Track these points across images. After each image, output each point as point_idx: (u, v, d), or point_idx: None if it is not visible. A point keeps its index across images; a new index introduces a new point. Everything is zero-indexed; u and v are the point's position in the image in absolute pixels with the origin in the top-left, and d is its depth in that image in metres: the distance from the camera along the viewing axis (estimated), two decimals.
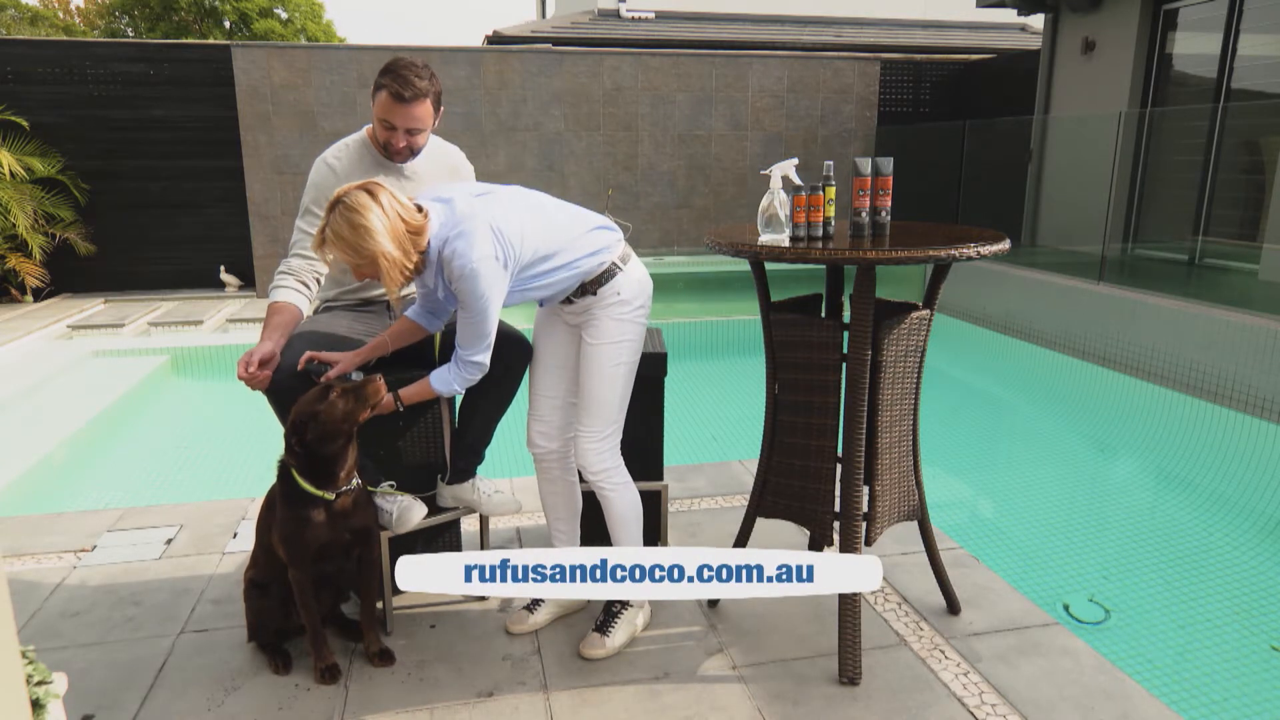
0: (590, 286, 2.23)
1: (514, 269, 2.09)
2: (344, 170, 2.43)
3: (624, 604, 2.43)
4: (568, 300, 2.27)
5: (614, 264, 2.24)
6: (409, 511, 2.41)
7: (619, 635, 2.39)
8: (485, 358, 2.17)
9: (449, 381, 2.19)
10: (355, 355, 2.27)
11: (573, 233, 2.19)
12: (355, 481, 2.22)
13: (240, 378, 2.22)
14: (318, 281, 2.47)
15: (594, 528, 2.71)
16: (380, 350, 2.31)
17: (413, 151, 2.41)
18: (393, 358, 2.39)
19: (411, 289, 2.37)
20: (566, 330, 2.37)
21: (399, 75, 2.28)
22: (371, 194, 1.98)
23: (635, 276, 2.28)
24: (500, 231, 2.04)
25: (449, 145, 2.59)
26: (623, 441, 2.34)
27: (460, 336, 2.14)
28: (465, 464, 2.55)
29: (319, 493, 2.14)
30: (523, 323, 2.55)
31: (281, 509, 2.17)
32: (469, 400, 2.54)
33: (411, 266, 2.03)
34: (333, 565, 2.23)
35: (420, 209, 2.06)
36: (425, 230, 2.04)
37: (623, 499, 2.36)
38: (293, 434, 2.10)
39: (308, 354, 2.22)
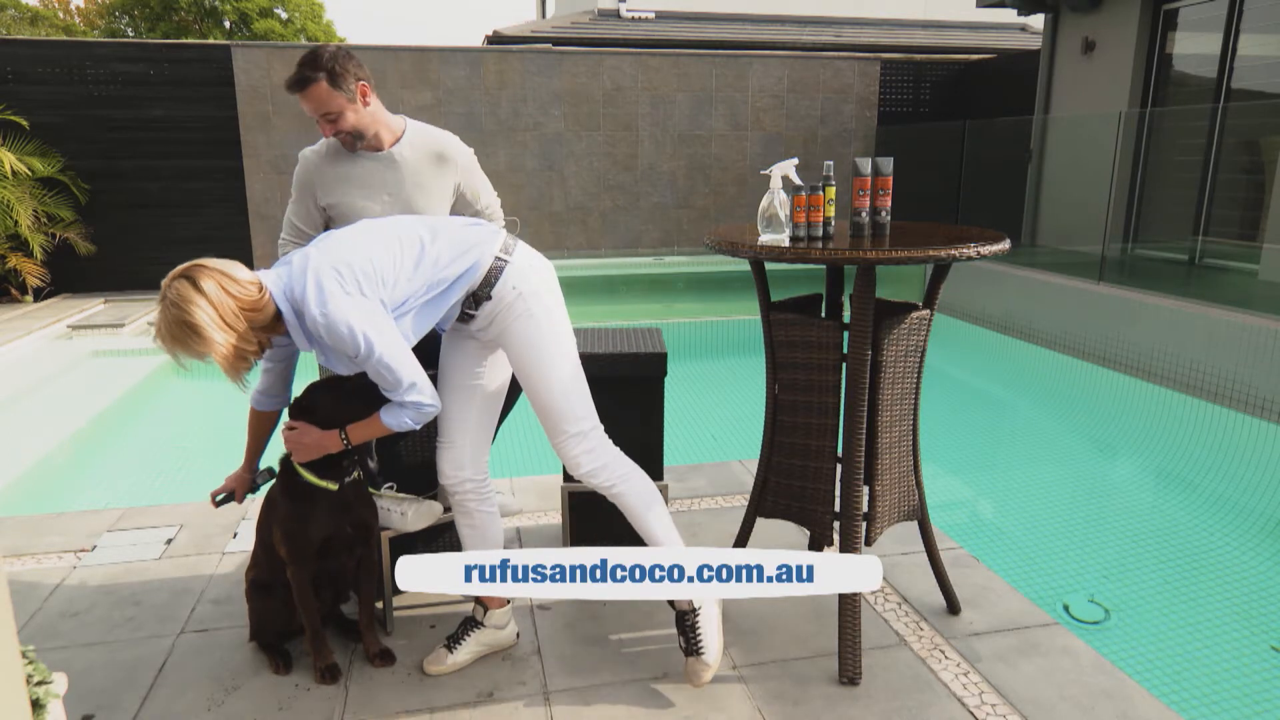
0: (482, 291, 2.04)
1: (381, 293, 1.92)
2: (321, 160, 2.47)
3: (691, 611, 2.21)
4: (469, 316, 2.09)
5: (497, 259, 2.05)
6: (423, 510, 2.41)
7: (712, 644, 2.20)
8: (420, 396, 1.98)
9: (400, 417, 2.01)
10: (243, 471, 2.31)
11: (437, 239, 2.03)
12: (357, 473, 2.23)
13: None
14: None
15: (586, 529, 2.71)
16: (257, 455, 2.30)
17: (353, 136, 2.37)
18: None
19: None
20: (476, 347, 2.19)
21: (294, 68, 2.30)
22: (194, 282, 1.83)
23: (524, 264, 2.08)
24: (343, 266, 1.90)
25: (442, 132, 2.54)
26: (622, 441, 2.32)
27: (379, 385, 1.99)
28: None
29: (322, 483, 2.15)
30: None
31: (283, 504, 2.18)
32: None
33: (254, 347, 1.90)
34: (335, 561, 2.23)
35: (260, 285, 1.93)
36: (263, 304, 1.90)
37: (633, 490, 2.16)
38: (300, 413, 2.12)
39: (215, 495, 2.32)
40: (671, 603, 2.25)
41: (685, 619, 2.22)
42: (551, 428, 2.14)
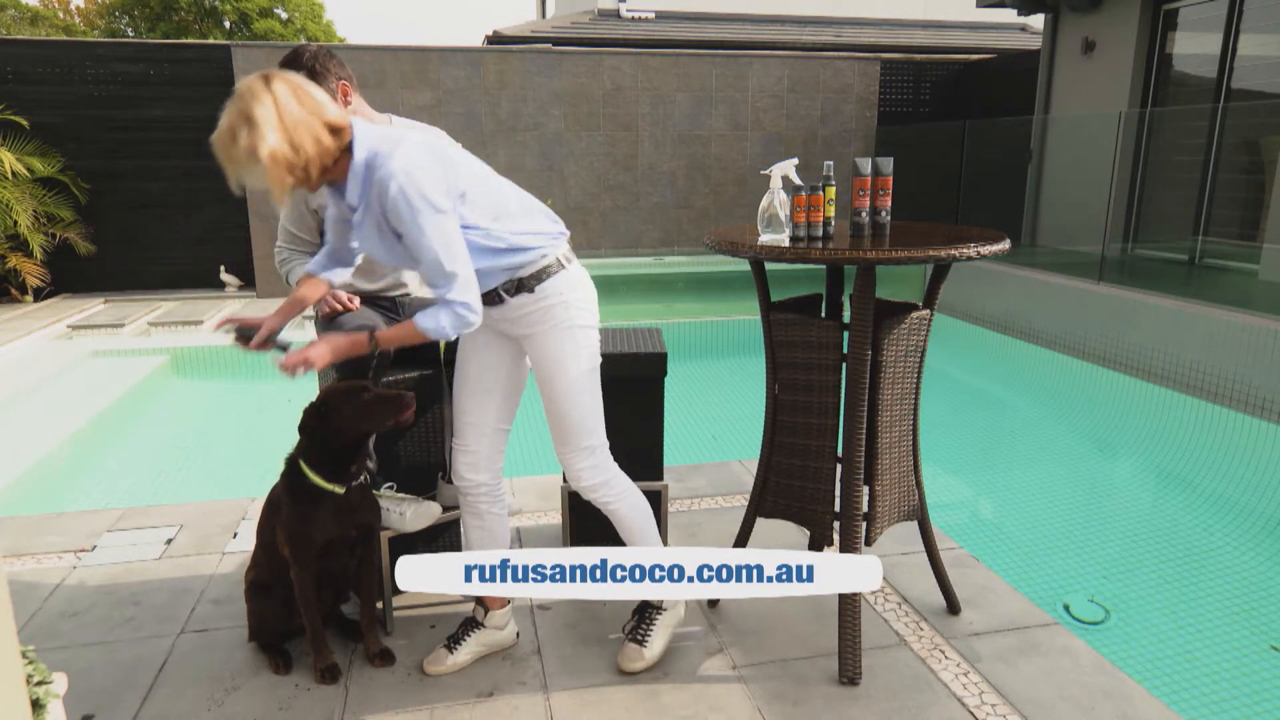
0: (528, 282, 2.00)
1: (454, 197, 1.87)
2: None
3: (656, 608, 2.28)
4: (499, 299, 2.03)
5: (558, 259, 2.03)
6: (421, 510, 2.41)
7: (657, 642, 2.28)
8: (467, 295, 1.87)
9: (438, 319, 1.88)
10: (275, 317, 2.07)
11: (515, 202, 2.00)
12: (364, 477, 2.23)
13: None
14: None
15: (586, 529, 2.71)
16: (297, 308, 2.11)
17: None
18: (396, 356, 2.39)
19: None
20: (499, 345, 2.16)
21: (275, 68, 2.31)
22: (266, 80, 1.77)
23: (578, 278, 2.08)
24: (439, 153, 1.87)
25: (428, 128, 2.54)
26: (622, 441, 2.33)
27: (424, 276, 1.90)
28: None
29: (329, 486, 2.15)
30: None
31: (287, 505, 2.17)
32: None
33: (302, 162, 1.78)
34: (337, 562, 2.23)
35: (347, 119, 1.87)
36: (337, 130, 1.82)
37: (629, 507, 2.20)
38: (314, 416, 2.12)
39: (226, 316, 2.13)
40: None
41: (648, 610, 2.30)
42: (561, 439, 2.15)
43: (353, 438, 2.12)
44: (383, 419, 2.10)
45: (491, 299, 2.04)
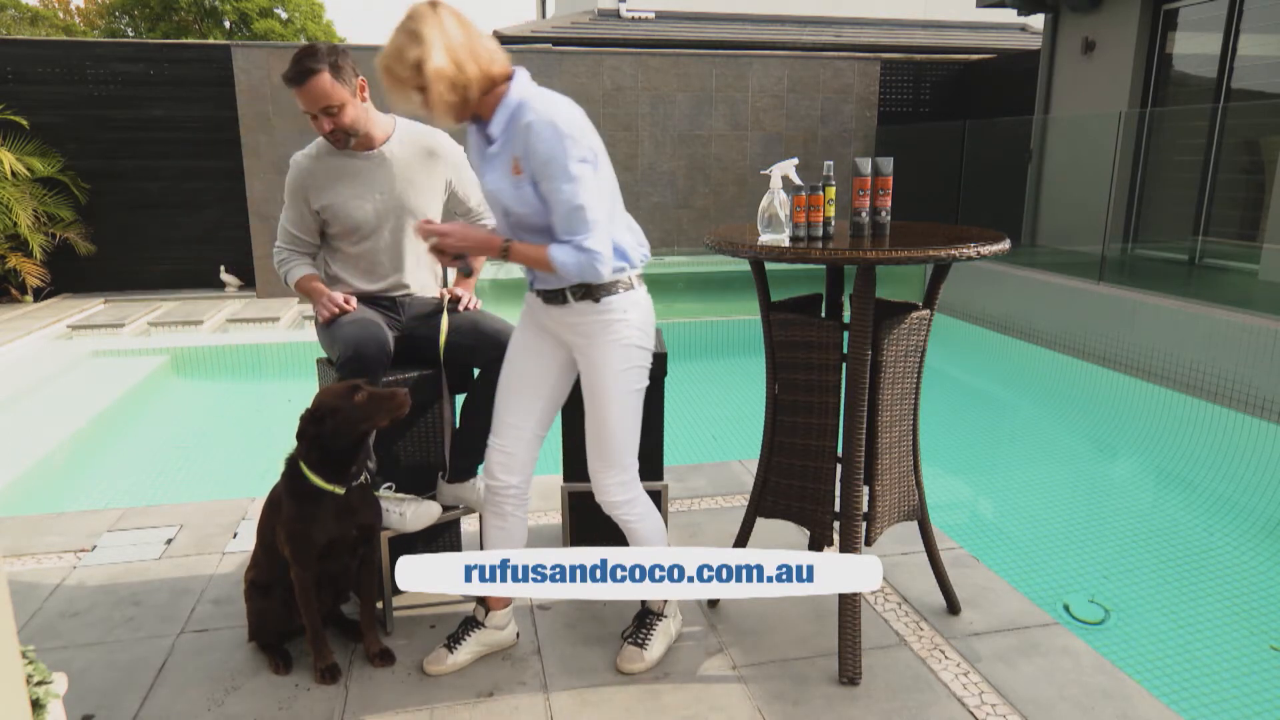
0: (596, 291, 2.01)
1: (594, 159, 1.93)
2: (312, 163, 2.49)
3: (657, 614, 2.34)
4: (564, 299, 2.04)
5: (631, 279, 2.06)
6: (421, 510, 2.41)
7: (656, 646, 2.31)
8: (602, 246, 1.92)
9: (568, 257, 1.93)
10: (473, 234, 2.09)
11: (616, 212, 2.04)
12: (364, 477, 2.24)
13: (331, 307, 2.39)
14: (311, 260, 2.61)
15: (586, 529, 2.71)
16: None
17: (347, 133, 2.39)
18: (396, 357, 2.40)
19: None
20: (553, 351, 2.17)
21: (290, 63, 2.32)
22: (434, 5, 1.88)
23: (643, 301, 2.10)
24: (590, 125, 1.94)
25: (432, 129, 2.55)
26: None
27: (557, 225, 1.94)
28: (467, 462, 2.54)
29: (330, 487, 2.15)
30: None
31: (288, 505, 2.17)
32: (473, 396, 2.54)
33: (463, 84, 1.88)
34: (337, 563, 2.23)
35: (507, 63, 1.97)
36: (498, 63, 1.91)
37: (647, 528, 2.21)
38: (311, 422, 2.11)
39: (425, 219, 2.11)
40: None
41: (648, 617, 2.33)
42: (597, 452, 2.14)
43: (350, 438, 2.12)
44: (377, 417, 2.10)
45: (557, 297, 2.05)
